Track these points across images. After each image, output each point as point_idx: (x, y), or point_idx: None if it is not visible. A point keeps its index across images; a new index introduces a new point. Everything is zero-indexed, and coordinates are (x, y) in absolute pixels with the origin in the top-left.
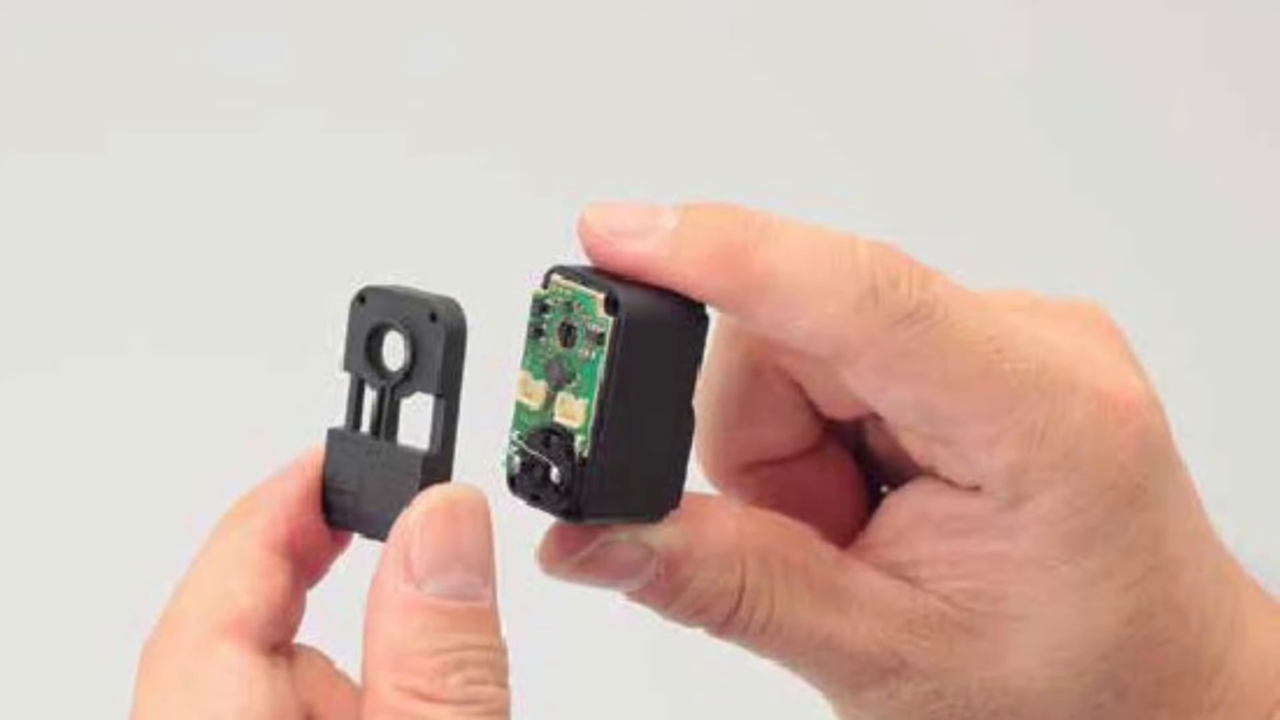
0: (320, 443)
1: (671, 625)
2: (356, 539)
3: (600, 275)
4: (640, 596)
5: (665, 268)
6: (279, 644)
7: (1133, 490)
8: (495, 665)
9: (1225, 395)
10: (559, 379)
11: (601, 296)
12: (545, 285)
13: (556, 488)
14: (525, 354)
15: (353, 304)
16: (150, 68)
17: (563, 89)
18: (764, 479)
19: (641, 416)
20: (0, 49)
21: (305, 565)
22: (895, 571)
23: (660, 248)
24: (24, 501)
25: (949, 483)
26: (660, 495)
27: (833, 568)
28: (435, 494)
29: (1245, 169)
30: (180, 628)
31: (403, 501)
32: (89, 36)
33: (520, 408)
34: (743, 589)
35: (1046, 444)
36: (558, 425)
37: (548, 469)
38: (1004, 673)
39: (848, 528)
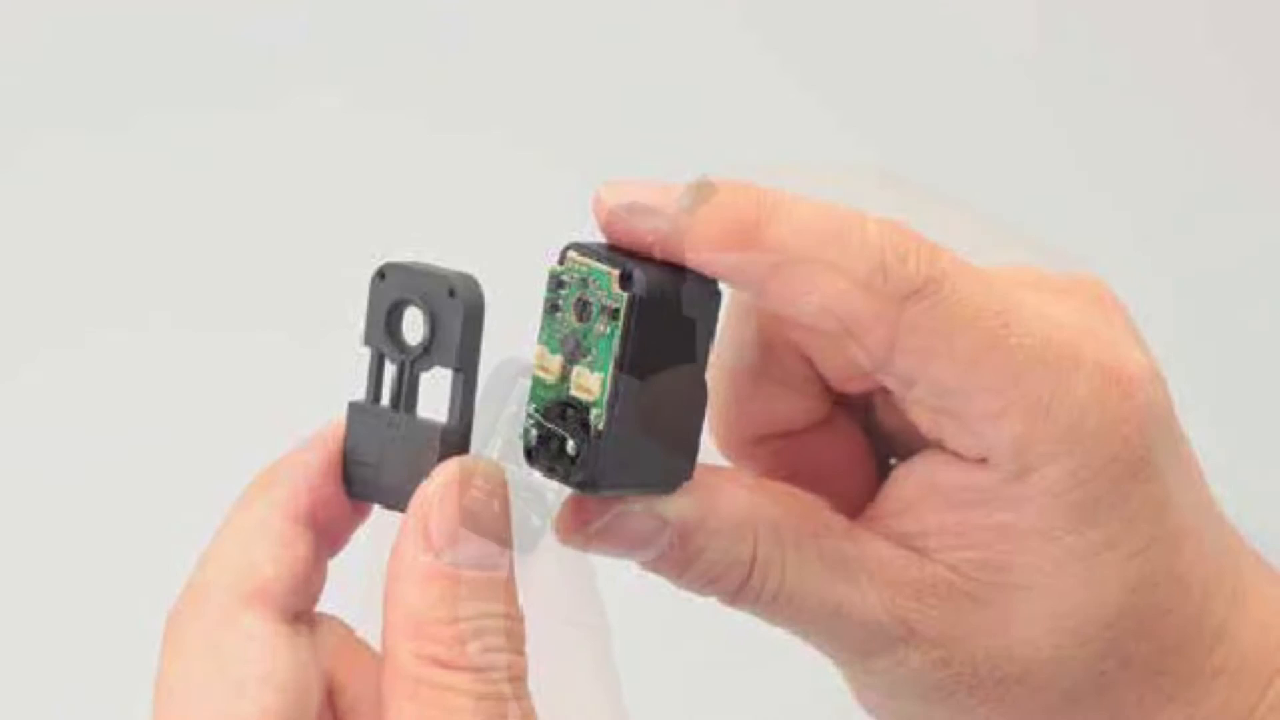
0: (341, 416)
1: (685, 594)
2: (376, 509)
3: (615, 252)
4: (654, 566)
5: (678, 244)
6: (301, 613)
7: (1136, 462)
8: (512, 633)
9: (1227, 370)
10: (574, 353)
11: (616, 272)
12: (561, 261)
13: (572, 460)
14: (542, 329)
15: (373, 280)
16: (173, 46)
17: (579, 68)
18: (775, 451)
19: (655, 390)
20: (25, 28)
21: (326, 535)
22: (904, 542)
23: (674, 225)
24: (50, 475)
25: (956, 455)
26: (674, 467)
27: (843, 538)
28: (454, 465)
29: (1247, 146)
30: (204, 597)
31: (422, 473)
32: (113, 16)
33: (537, 381)
34: (754, 559)
35: (1051, 417)
36: (573, 399)
37: (564, 441)
38: (1010, 641)
39: (857, 499)
